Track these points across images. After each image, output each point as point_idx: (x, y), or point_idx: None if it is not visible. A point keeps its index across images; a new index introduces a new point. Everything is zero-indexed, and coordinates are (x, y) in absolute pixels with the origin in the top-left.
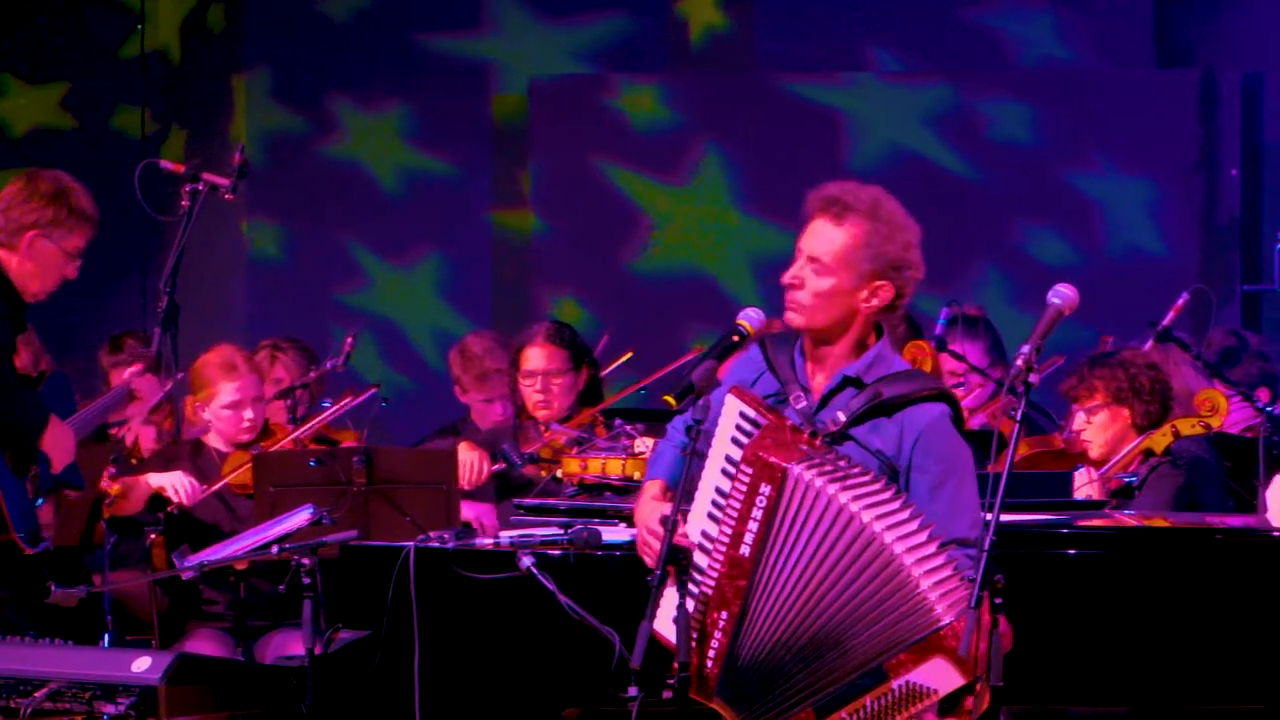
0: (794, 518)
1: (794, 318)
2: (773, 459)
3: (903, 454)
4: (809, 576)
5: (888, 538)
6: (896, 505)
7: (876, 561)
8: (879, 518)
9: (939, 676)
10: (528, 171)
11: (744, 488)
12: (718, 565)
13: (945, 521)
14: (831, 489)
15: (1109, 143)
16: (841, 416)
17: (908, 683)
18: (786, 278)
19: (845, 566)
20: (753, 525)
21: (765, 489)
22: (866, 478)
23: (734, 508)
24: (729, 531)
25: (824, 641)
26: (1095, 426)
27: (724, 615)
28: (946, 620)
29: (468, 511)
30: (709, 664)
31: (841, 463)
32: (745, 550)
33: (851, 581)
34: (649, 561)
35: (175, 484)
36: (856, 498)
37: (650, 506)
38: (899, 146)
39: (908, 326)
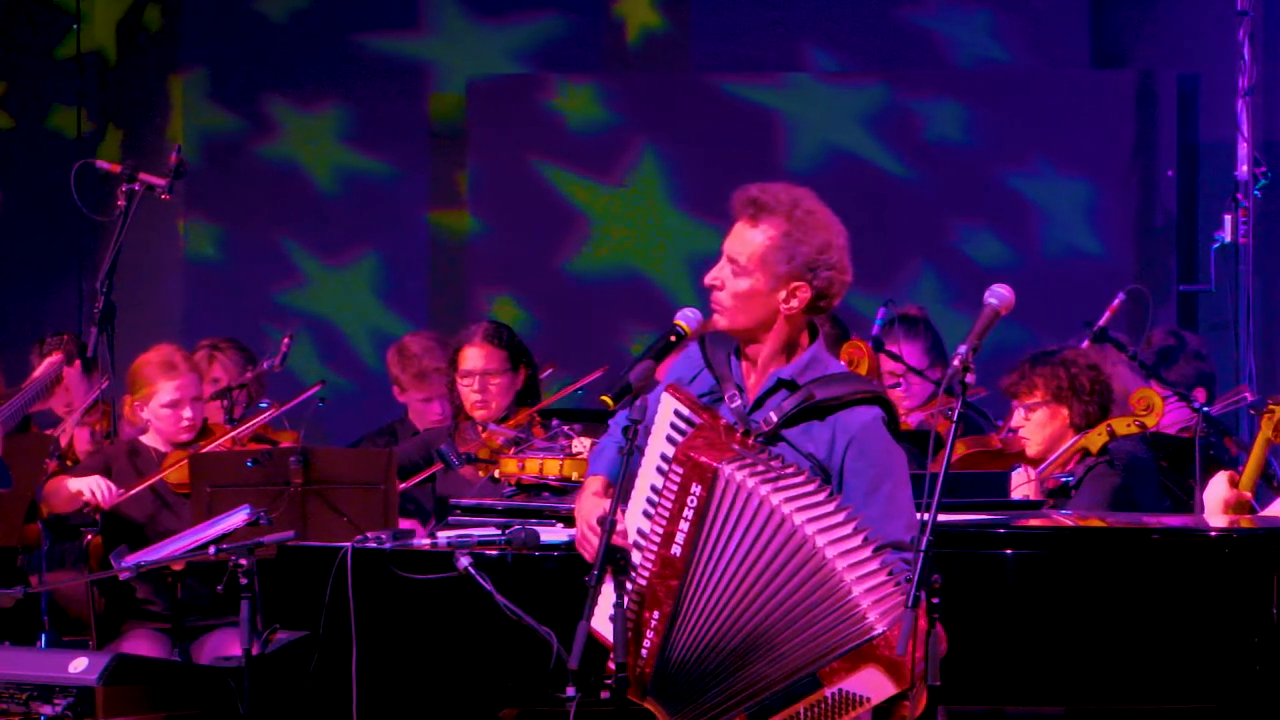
0: (725, 519)
1: (718, 319)
2: (703, 459)
3: (835, 456)
4: (740, 579)
5: (820, 541)
6: (830, 508)
7: (808, 565)
8: (811, 520)
9: (872, 685)
10: (465, 172)
11: (675, 487)
12: (650, 564)
13: (880, 525)
14: (764, 490)
15: (1045, 143)
16: (774, 416)
17: (841, 690)
18: (708, 279)
19: (777, 569)
20: (684, 525)
21: (696, 489)
22: (800, 479)
23: (666, 507)
24: (661, 531)
25: (755, 645)
26: (1033, 424)
27: (656, 615)
28: (880, 629)
29: None
30: (641, 663)
31: (774, 463)
32: (677, 550)
33: (783, 585)
34: (588, 557)
35: (93, 487)
36: (789, 499)
37: (591, 502)
38: (835, 147)
39: (834, 326)
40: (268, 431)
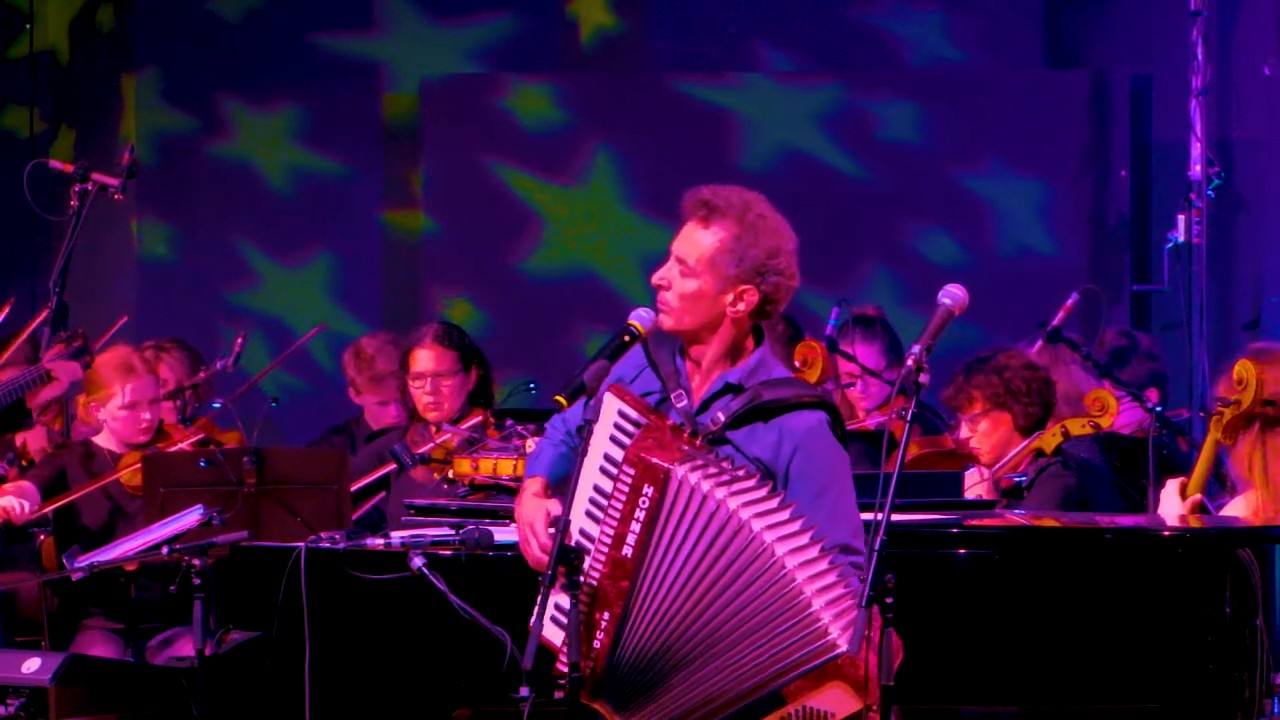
0: (678, 521)
1: (664, 319)
2: (655, 459)
3: (780, 460)
4: (694, 582)
5: (778, 549)
6: (784, 515)
7: (766, 573)
8: (767, 526)
9: (836, 702)
10: (418, 171)
11: (626, 488)
12: (600, 565)
13: (827, 528)
14: (719, 492)
15: (999, 143)
16: (721, 416)
17: (805, 708)
18: (655, 278)
19: (734, 575)
20: (635, 527)
21: (648, 490)
22: (751, 481)
23: (616, 508)
24: (611, 532)
25: (710, 651)
26: (980, 434)
27: (606, 616)
28: (843, 646)
29: None
30: (591, 663)
31: (725, 464)
32: (628, 551)
33: (740, 591)
34: (530, 560)
35: (9, 504)
36: (745, 504)
37: (532, 504)
38: (789, 147)
39: (787, 326)
40: (214, 433)
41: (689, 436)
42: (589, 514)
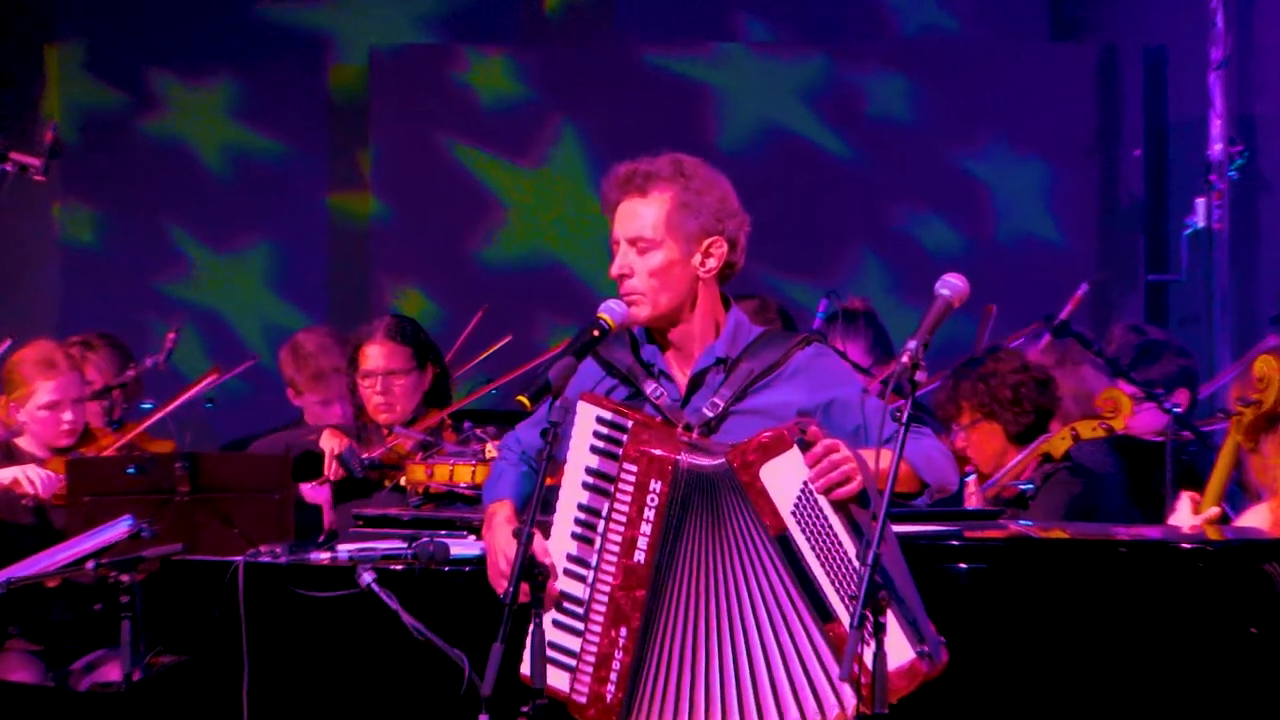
0: (693, 512)
1: (639, 310)
2: (658, 451)
3: (803, 401)
4: (719, 580)
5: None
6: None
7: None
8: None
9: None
10: (367, 150)
11: (630, 487)
12: (608, 579)
13: (879, 429)
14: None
15: (999, 121)
16: (719, 402)
17: None
18: (614, 270)
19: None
20: (646, 528)
21: (656, 485)
22: None
23: (620, 512)
24: (618, 539)
25: (750, 653)
26: (972, 444)
27: (623, 632)
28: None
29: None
30: (609, 689)
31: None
32: (640, 557)
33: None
34: (501, 590)
35: (25, 475)
36: None
37: (505, 531)
38: (771, 123)
39: (781, 319)
40: (143, 440)
41: (682, 430)
42: (576, 535)
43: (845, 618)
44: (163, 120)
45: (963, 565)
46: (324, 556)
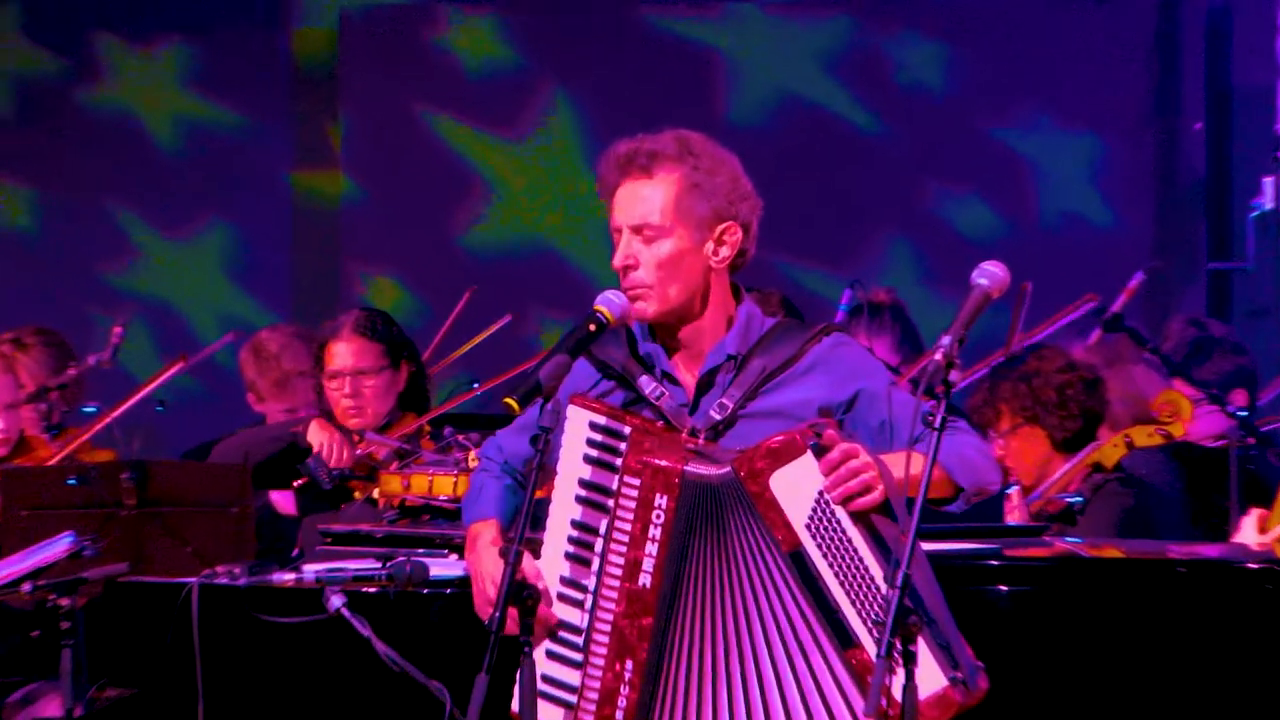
0: (701, 527)
1: (645, 306)
2: (663, 462)
3: (822, 398)
4: (730, 600)
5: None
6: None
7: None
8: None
9: None
10: (336, 123)
11: (632, 503)
12: (610, 606)
13: (906, 424)
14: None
15: (1043, 89)
16: (727, 404)
17: None
18: (618, 261)
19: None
20: (651, 548)
21: (661, 500)
22: None
23: (622, 531)
24: (620, 561)
25: (774, 680)
26: (1012, 452)
27: (629, 665)
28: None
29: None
30: None
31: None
32: (646, 581)
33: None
34: (489, 618)
35: None
36: None
37: (492, 555)
38: (788, 93)
39: (784, 310)
40: (83, 450)
41: (687, 435)
42: (571, 556)
43: (868, 643)
44: (107, 89)
45: (1003, 588)
46: (288, 578)
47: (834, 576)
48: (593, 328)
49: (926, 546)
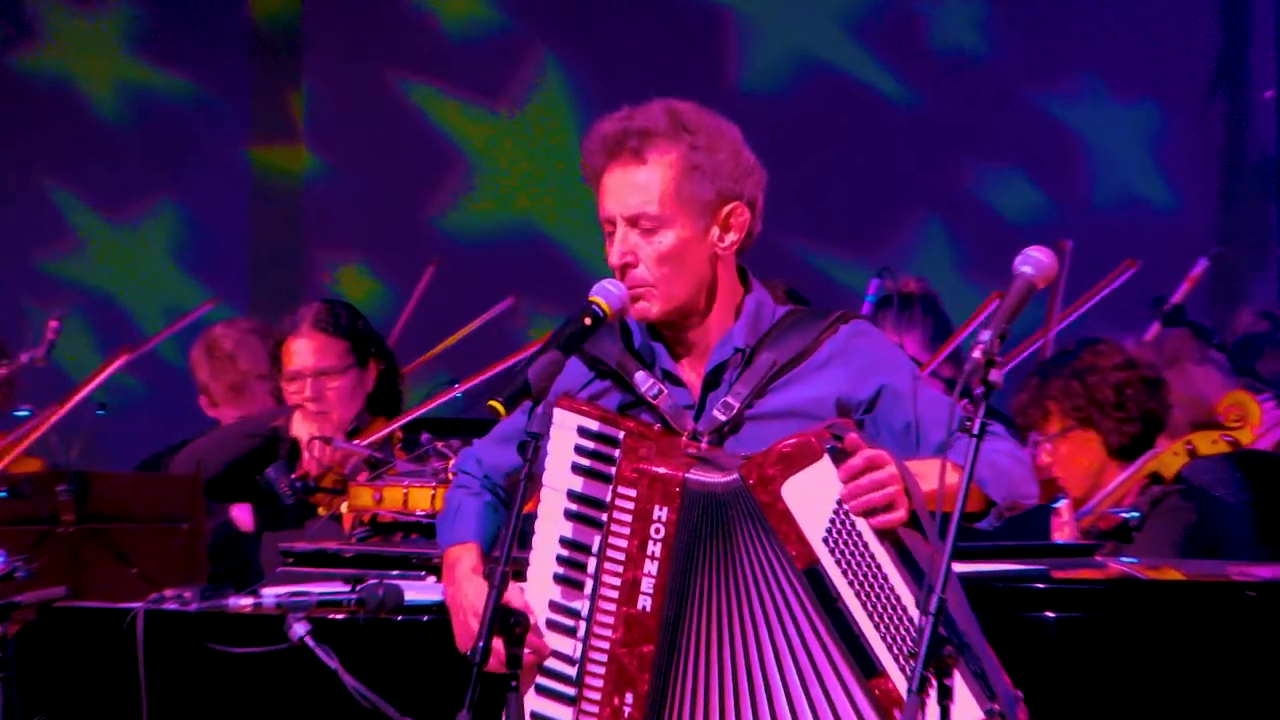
0: (706, 542)
1: (648, 306)
2: (662, 470)
3: (841, 392)
4: (739, 623)
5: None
6: None
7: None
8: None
9: None
10: (300, 92)
11: (628, 516)
12: (606, 633)
13: (942, 426)
14: None
15: (1097, 55)
16: (733, 403)
17: None
18: (615, 259)
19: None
20: (651, 567)
21: (660, 512)
22: None
23: (619, 548)
24: (617, 582)
25: (776, 711)
26: (1061, 460)
27: (629, 699)
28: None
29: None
30: None
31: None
32: (646, 604)
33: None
34: (471, 649)
35: None
36: None
37: (473, 585)
38: (807, 58)
39: (791, 300)
40: (15, 460)
41: (688, 439)
42: (561, 578)
43: (894, 671)
44: (44, 54)
45: (1050, 614)
46: (245, 603)
47: (855, 596)
48: (588, 321)
49: (962, 568)
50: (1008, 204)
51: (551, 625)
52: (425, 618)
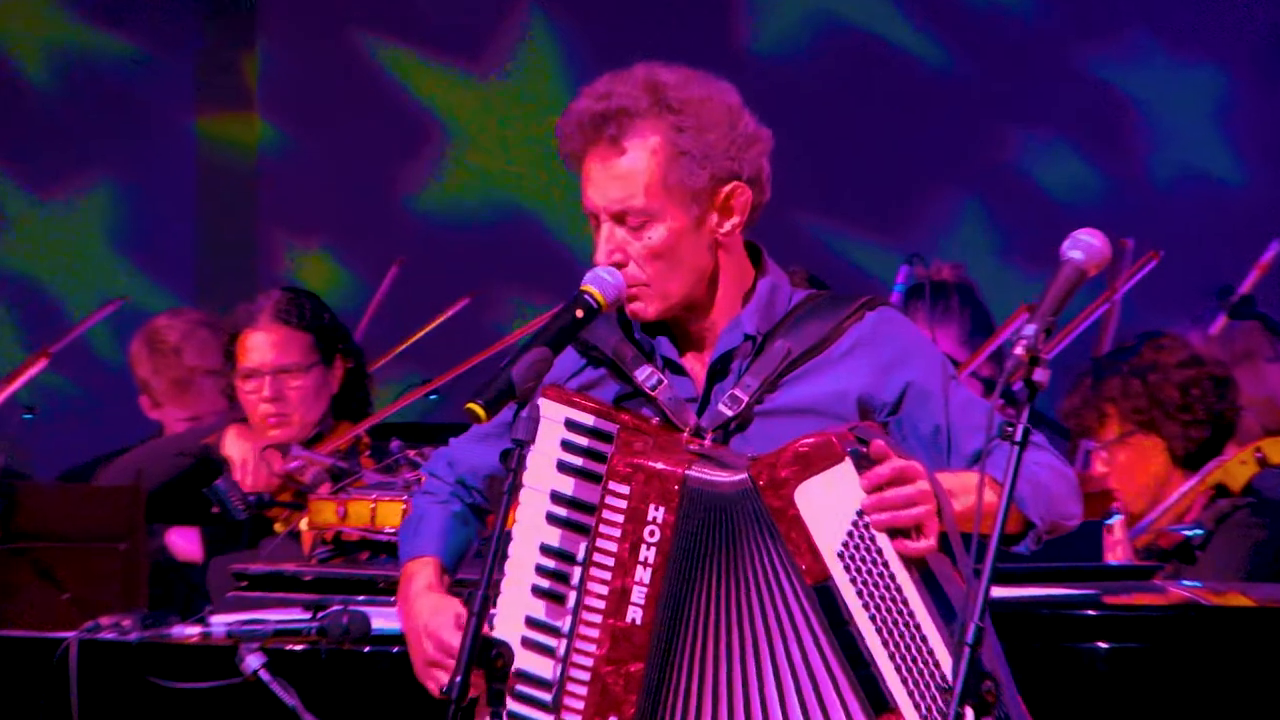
0: (706, 549)
1: (644, 307)
2: (659, 465)
3: (864, 388)
4: (739, 641)
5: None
6: None
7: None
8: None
9: None
10: (253, 54)
11: (619, 516)
12: (589, 650)
13: (977, 432)
14: None
15: (1151, 13)
16: (742, 396)
17: None
18: (602, 257)
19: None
20: (643, 574)
21: (656, 513)
22: None
23: (607, 552)
24: (603, 592)
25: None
26: (1119, 470)
27: None
28: None
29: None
30: None
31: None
32: (636, 616)
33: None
34: (434, 688)
35: None
36: None
37: (429, 603)
38: (828, 17)
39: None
40: None
41: (691, 434)
42: (541, 591)
43: (907, 709)
44: None
45: (1102, 644)
46: (192, 632)
47: (869, 621)
48: (580, 314)
49: (1001, 592)
50: (1054, 180)
51: (529, 644)
52: (394, 649)
